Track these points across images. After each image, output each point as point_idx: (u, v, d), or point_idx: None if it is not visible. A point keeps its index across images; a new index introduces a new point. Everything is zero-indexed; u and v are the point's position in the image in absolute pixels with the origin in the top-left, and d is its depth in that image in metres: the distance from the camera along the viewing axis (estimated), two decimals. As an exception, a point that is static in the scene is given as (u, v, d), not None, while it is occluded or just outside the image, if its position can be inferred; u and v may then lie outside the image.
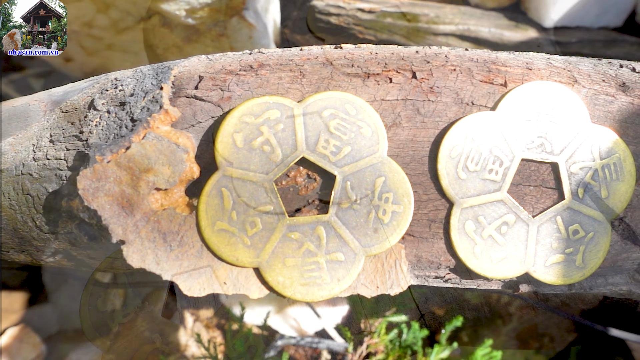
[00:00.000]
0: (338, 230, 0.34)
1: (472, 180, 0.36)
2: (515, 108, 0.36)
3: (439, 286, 0.40)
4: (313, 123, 0.35)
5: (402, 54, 0.37)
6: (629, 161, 0.36)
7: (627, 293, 0.39)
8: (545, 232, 0.36)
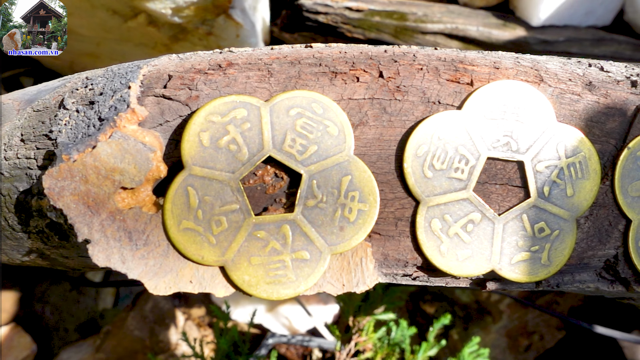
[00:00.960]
0: (304, 228, 0.35)
1: (438, 178, 0.36)
2: (481, 107, 0.36)
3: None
4: (280, 122, 0.35)
5: (370, 53, 0.37)
6: (594, 159, 0.37)
7: (594, 291, 0.40)
8: (511, 230, 0.36)
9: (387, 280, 0.38)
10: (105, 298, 1.56)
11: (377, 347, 1.10)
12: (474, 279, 0.38)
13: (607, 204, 0.37)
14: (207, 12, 1.03)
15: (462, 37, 1.27)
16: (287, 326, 1.45)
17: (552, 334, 1.47)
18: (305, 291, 0.34)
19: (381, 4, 1.22)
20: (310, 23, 1.22)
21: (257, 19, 1.23)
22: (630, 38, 1.30)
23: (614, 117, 0.38)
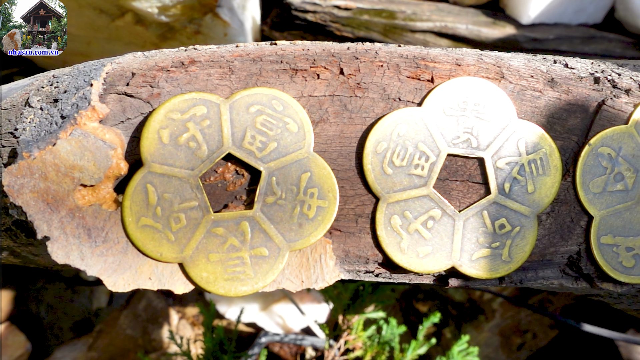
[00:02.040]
0: (262, 225, 0.35)
1: (398, 175, 0.36)
2: (441, 104, 0.36)
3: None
4: (239, 119, 0.35)
5: (332, 50, 0.37)
6: (555, 156, 0.37)
7: (559, 287, 0.40)
8: (472, 226, 0.36)
9: (350, 277, 0.38)
10: (99, 297, 1.56)
11: (367, 346, 1.10)
12: (436, 275, 0.38)
13: (568, 200, 0.38)
14: (194, 10, 1.03)
15: (452, 36, 1.27)
16: (281, 325, 1.46)
17: (545, 333, 1.47)
18: (263, 288, 0.34)
19: (370, 2, 1.22)
20: (299, 22, 1.22)
21: (246, 18, 1.23)
22: (621, 36, 1.29)
23: (576, 113, 0.38)
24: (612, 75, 0.39)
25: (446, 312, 1.50)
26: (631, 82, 0.38)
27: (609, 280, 0.38)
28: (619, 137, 0.37)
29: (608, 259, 0.37)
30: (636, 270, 0.37)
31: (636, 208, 0.37)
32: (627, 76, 0.39)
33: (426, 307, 1.54)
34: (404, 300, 1.56)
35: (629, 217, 0.37)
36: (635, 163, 0.37)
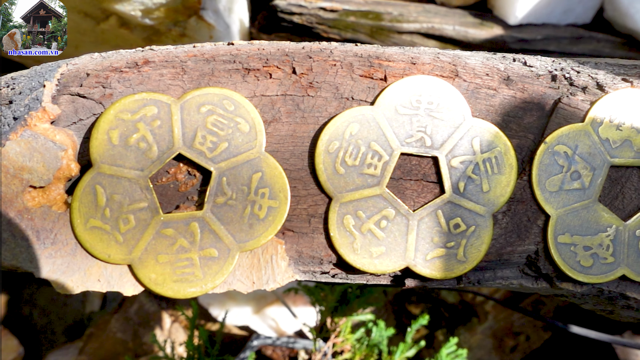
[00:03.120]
0: (212, 226, 0.34)
1: (350, 175, 0.36)
2: (394, 102, 0.36)
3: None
4: (190, 119, 0.35)
5: (287, 50, 0.37)
6: (510, 154, 0.36)
7: (518, 287, 0.39)
8: (426, 226, 0.36)
9: (306, 278, 0.38)
10: (92, 301, 1.56)
11: (356, 348, 1.10)
12: (392, 275, 0.38)
13: (525, 199, 0.37)
14: (178, 13, 1.03)
15: (439, 37, 1.26)
16: (274, 328, 1.45)
17: (539, 335, 1.46)
18: (212, 289, 0.34)
19: (356, 4, 1.22)
20: (286, 24, 1.22)
21: (233, 21, 1.23)
22: (610, 36, 1.29)
23: (532, 111, 0.37)
24: (571, 73, 0.38)
25: (439, 315, 1.50)
26: (589, 79, 0.38)
27: (568, 280, 0.38)
28: (575, 135, 0.37)
29: (566, 258, 0.37)
30: (595, 270, 0.37)
31: (593, 207, 0.37)
32: (586, 74, 0.38)
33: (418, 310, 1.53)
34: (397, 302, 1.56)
35: (586, 216, 0.37)
36: (592, 161, 0.37)
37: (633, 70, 0.40)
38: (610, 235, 0.37)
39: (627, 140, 0.37)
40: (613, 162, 0.37)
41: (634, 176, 0.38)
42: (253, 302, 1.45)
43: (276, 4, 1.18)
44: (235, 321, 1.42)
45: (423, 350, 1.37)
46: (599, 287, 0.38)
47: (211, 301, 1.43)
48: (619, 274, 0.37)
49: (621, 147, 0.37)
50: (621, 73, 0.39)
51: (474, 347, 1.44)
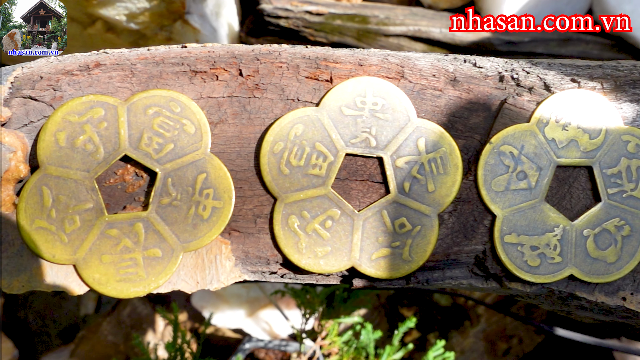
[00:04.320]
0: (157, 226, 0.35)
1: (295, 175, 0.36)
2: (339, 104, 0.36)
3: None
4: (137, 121, 0.36)
5: (235, 52, 0.38)
6: (455, 154, 0.37)
7: (468, 287, 0.39)
8: (371, 226, 0.36)
9: (256, 278, 0.38)
10: (87, 304, 1.57)
11: (344, 351, 1.10)
12: (340, 275, 0.38)
13: (471, 199, 0.37)
14: (163, 17, 1.04)
15: (426, 39, 1.27)
16: (267, 331, 1.45)
17: (531, 338, 1.45)
18: (156, 289, 0.34)
19: (342, 8, 1.22)
20: (273, 28, 1.22)
21: (220, 25, 1.24)
22: (598, 37, 1.29)
23: (478, 112, 0.38)
24: (520, 74, 0.38)
25: (431, 318, 1.49)
26: (536, 80, 0.38)
27: (516, 279, 0.38)
28: (521, 135, 0.37)
29: (513, 258, 0.37)
30: (542, 270, 0.37)
31: (540, 206, 0.37)
32: (535, 74, 0.39)
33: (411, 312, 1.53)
34: (389, 305, 1.56)
35: (533, 216, 0.37)
36: (538, 161, 0.37)
37: (585, 71, 0.40)
38: (558, 235, 0.37)
39: (573, 140, 0.37)
40: (559, 162, 0.37)
41: (581, 176, 0.38)
42: (246, 305, 1.45)
43: (262, 8, 1.19)
44: (229, 324, 1.42)
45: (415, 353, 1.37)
46: (549, 287, 0.38)
47: (205, 304, 1.43)
48: (566, 273, 0.37)
49: (567, 147, 0.37)
50: (572, 74, 0.39)
51: (466, 350, 1.43)
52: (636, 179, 0.37)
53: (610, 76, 0.39)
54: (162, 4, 0.99)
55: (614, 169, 0.37)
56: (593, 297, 0.38)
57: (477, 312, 1.46)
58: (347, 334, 1.07)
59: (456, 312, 1.46)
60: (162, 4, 0.99)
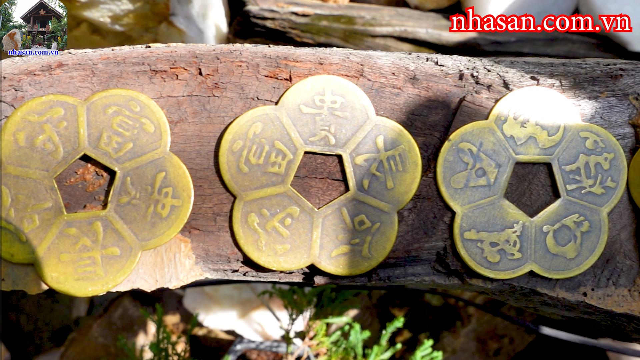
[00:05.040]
0: (115, 225, 0.35)
1: (254, 173, 0.36)
2: (297, 102, 0.36)
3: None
4: (96, 120, 0.36)
5: (197, 52, 0.38)
6: (414, 152, 0.37)
7: (431, 284, 0.39)
8: (330, 223, 0.36)
9: (218, 276, 0.38)
10: (79, 306, 1.57)
11: (332, 352, 1.10)
12: (302, 273, 0.38)
13: (431, 196, 0.38)
14: (148, 19, 1.04)
15: (412, 40, 1.27)
16: (259, 332, 1.45)
17: (523, 337, 1.45)
18: (114, 287, 0.35)
19: (328, 9, 1.23)
20: (259, 29, 1.23)
21: (207, 26, 1.24)
22: (585, 37, 1.29)
23: (437, 109, 0.38)
24: (480, 72, 0.39)
25: (423, 318, 1.49)
26: (495, 77, 0.38)
27: (476, 276, 0.38)
28: (479, 132, 0.37)
29: (472, 254, 0.37)
30: (502, 266, 0.37)
31: (499, 203, 0.37)
32: (495, 72, 0.39)
33: (402, 313, 1.53)
34: (380, 305, 1.56)
35: (492, 212, 0.37)
36: (497, 158, 0.37)
37: (547, 69, 0.40)
38: (517, 231, 0.37)
39: (531, 137, 0.37)
40: (518, 158, 0.37)
41: (541, 173, 0.38)
42: (238, 306, 1.45)
43: (248, 9, 1.19)
44: (221, 326, 1.42)
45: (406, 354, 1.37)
46: (510, 284, 0.38)
47: (197, 306, 1.43)
48: (526, 269, 0.37)
49: (526, 143, 0.37)
50: (534, 71, 0.40)
51: (457, 350, 1.43)
52: (595, 175, 0.38)
53: (571, 73, 0.39)
54: (146, 5, 1.00)
55: (573, 166, 0.37)
56: (554, 292, 0.38)
57: (469, 312, 1.46)
58: (335, 334, 1.07)
59: (447, 312, 1.47)
60: (146, 6, 1.00)
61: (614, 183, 0.38)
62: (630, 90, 0.39)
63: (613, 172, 0.38)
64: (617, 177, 0.38)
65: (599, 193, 0.37)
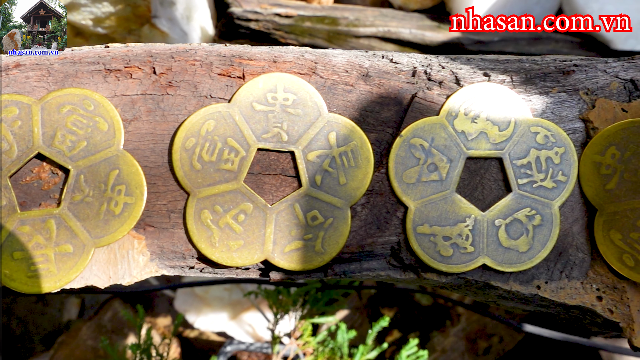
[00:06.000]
0: (69, 222, 0.35)
1: (207, 170, 0.36)
2: (250, 99, 0.37)
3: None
4: (51, 119, 0.36)
5: (152, 51, 0.38)
6: (366, 148, 0.37)
7: (387, 278, 0.40)
8: (283, 219, 0.37)
9: (175, 272, 0.39)
10: (70, 309, 1.57)
11: (319, 352, 1.10)
12: (259, 269, 0.38)
13: (383, 191, 0.38)
14: (130, 22, 1.04)
15: (396, 40, 1.28)
16: (250, 333, 1.45)
17: (512, 336, 1.46)
18: (67, 284, 0.35)
19: (312, 10, 1.23)
20: (244, 30, 1.23)
21: (192, 28, 1.24)
22: (568, 36, 1.30)
23: (389, 106, 0.38)
24: (433, 69, 0.39)
25: (413, 318, 1.50)
26: (447, 74, 0.39)
27: (430, 270, 0.38)
28: (430, 128, 0.38)
29: (425, 248, 0.38)
30: (455, 260, 0.38)
31: (451, 197, 0.38)
32: (449, 69, 0.39)
33: (392, 313, 1.53)
34: (371, 306, 1.56)
35: (445, 207, 0.38)
36: (448, 153, 0.38)
37: (502, 65, 0.41)
38: (469, 226, 0.38)
39: (482, 132, 0.38)
40: (469, 153, 0.38)
41: (492, 167, 0.39)
42: (229, 307, 1.45)
43: (232, 11, 1.19)
44: (212, 327, 1.42)
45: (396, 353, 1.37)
46: (464, 277, 0.39)
47: (187, 308, 1.43)
48: (479, 263, 0.38)
49: (477, 139, 0.38)
50: (488, 68, 0.40)
51: (447, 350, 1.44)
52: (546, 169, 0.38)
53: (524, 70, 0.40)
54: (128, 8, 1.00)
55: (524, 160, 0.38)
56: (508, 286, 0.39)
57: (458, 311, 1.46)
58: (321, 334, 1.08)
59: (437, 311, 1.47)
60: (127, 8, 1.00)
61: (564, 177, 0.38)
62: (581, 86, 0.39)
63: (564, 166, 0.38)
64: (568, 171, 0.38)
65: (550, 187, 0.38)
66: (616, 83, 0.39)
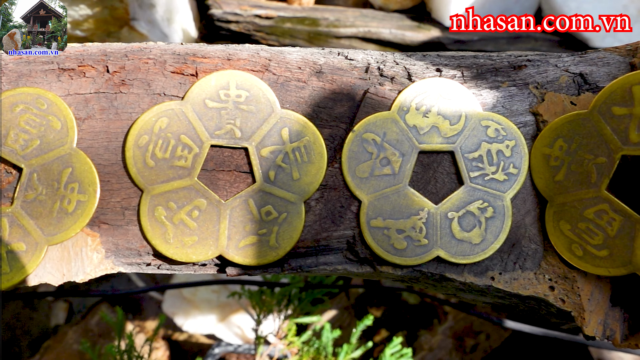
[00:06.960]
0: (21, 220, 0.36)
1: (161, 167, 0.37)
2: (202, 97, 0.37)
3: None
4: (3, 119, 0.36)
5: (107, 50, 0.39)
6: (319, 143, 0.38)
7: (345, 273, 0.40)
8: (238, 214, 0.37)
9: (133, 270, 0.39)
10: (57, 314, 1.56)
11: (303, 351, 1.10)
12: (216, 265, 0.39)
13: (337, 186, 0.38)
14: (108, 24, 1.04)
15: (377, 40, 1.29)
16: (239, 335, 1.45)
17: (499, 333, 1.46)
18: (20, 282, 0.35)
19: (292, 11, 1.24)
20: (224, 32, 1.24)
21: (174, 30, 1.25)
22: (547, 34, 1.31)
23: (342, 102, 0.39)
24: (387, 65, 0.40)
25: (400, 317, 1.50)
26: (400, 70, 0.40)
27: (385, 263, 0.39)
28: (382, 122, 0.38)
29: (380, 242, 0.38)
30: (409, 252, 0.38)
31: (404, 191, 0.38)
32: (402, 65, 0.40)
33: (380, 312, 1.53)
34: (358, 305, 1.56)
35: (397, 200, 0.38)
36: (400, 147, 0.38)
37: (456, 61, 0.41)
38: (422, 218, 0.38)
39: (434, 126, 0.38)
40: (422, 147, 0.38)
41: (445, 161, 0.39)
42: (217, 310, 1.45)
43: (212, 12, 1.20)
44: (201, 330, 1.42)
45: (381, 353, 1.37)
46: (420, 270, 0.39)
47: (176, 310, 1.43)
48: (433, 255, 0.38)
49: (429, 133, 0.38)
50: (442, 64, 0.41)
51: (434, 348, 1.44)
52: (497, 162, 0.39)
53: (476, 65, 0.40)
54: (105, 10, 1.00)
55: (475, 153, 0.39)
56: (462, 278, 0.39)
57: (445, 309, 1.47)
58: (306, 334, 1.08)
59: (425, 310, 1.48)
60: (104, 11, 1.00)
61: (516, 169, 0.39)
62: (531, 80, 0.40)
63: (515, 159, 0.39)
64: (519, 164, 0.39)
65: (502, 179, 0.39)
66: (565, 77, 0.40)
